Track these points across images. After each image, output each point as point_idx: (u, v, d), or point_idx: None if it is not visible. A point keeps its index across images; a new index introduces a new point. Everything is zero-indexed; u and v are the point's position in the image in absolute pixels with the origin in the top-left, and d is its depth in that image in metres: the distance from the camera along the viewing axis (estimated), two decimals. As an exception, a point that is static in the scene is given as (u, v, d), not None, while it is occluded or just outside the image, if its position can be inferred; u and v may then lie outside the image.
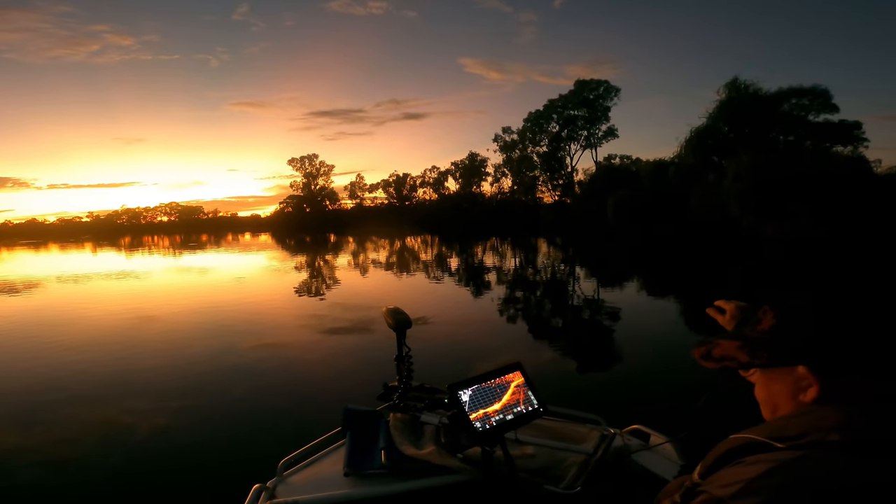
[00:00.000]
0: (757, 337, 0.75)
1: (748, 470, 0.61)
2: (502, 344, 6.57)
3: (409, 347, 2.02)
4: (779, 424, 0.67)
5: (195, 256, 26.04)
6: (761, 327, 0.75)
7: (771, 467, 0.59)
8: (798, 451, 0.60)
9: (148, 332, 7.78)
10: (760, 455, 0.63)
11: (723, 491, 0.60)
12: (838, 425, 0.61)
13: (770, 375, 0.75)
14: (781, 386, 0.73)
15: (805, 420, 0.65)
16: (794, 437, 0.62)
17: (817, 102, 25.92)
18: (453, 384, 1.45)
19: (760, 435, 0.66)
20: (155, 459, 3.58)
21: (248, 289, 12.78)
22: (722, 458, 0.67)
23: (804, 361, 0.69)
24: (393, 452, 1.70)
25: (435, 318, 8.08)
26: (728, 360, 0.76)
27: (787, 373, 0.71)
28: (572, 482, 1.59)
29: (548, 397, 1.56)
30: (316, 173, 68.59)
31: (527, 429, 1.82)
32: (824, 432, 0.61)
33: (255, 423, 4.11)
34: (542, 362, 5.67)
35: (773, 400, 0.75)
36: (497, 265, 17.21)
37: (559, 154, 48.56)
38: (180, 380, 5.31)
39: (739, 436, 0.68)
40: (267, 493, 1.59)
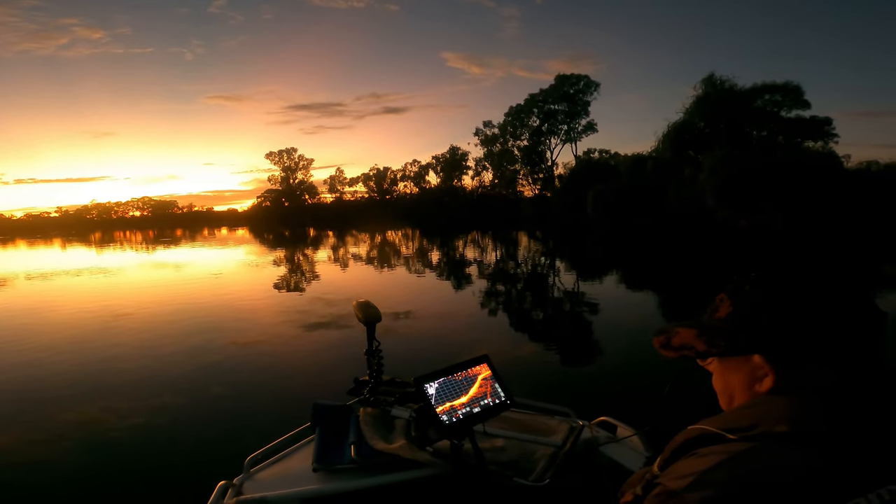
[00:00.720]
0: (714, 325, 0.74)
1: (701, 462, 0.60)
2: (482, 337, 6.54)
3: (378, 341, 2.00)
4: (732, 415, 0.67)
5: (169, 252, 25.43)
6: (718, 315, 0.74)
7: (722, 459, 0.59)
8: (748, 442, 0.60)
9: (122, 329, 7.53)
10: (713, 447, 0.62)
11: (676, 483, 0.60)
12: (787, 416, 0.61)
13: (727, 365, 0.74)
14: (738, 376, 0.72)
15: (756, 411, 0.65)
16: (745, 428, 0.62)
17: (789, 98, 26.57)
18: (419, 377, 1.44)
19: (714, 426, 0.65)
20: (125, 458, 3.49)
21: (225, 284, 12.52)
22: (678, 450, 0.67)
23: (760, 350, 0.68)
24: (363, 447, 1.69)
25: (415, 313, 8.02)
26: (686, 348, 0.75)
27: (743, 362, 0.71)
28: (541, 474, 1.59)
29: (521, 390, 1.53)
30: (295, 167, 67.65)
31: (496, 421, 1.81)
32: (773, 423, 0.61)
33: (232, 420, 4.01)
34: (519, 355, 5.66)
35: (729, 390, 0.75)
36: (478, 259, 17.22)
37: (539, 148, 48.98)
38: (155, 378, 5.15)
39: (695, 427, 0.68)
40: (234, 489, 1.57)
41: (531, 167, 49.21)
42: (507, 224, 35.82)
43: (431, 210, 50.30)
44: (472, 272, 13.28)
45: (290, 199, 66.05)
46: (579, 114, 46.78)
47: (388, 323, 7.12)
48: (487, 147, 51.89)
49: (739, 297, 0.72)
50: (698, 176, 22.25)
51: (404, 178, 62.32)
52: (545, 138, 48.72)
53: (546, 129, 48.18)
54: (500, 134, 50.69)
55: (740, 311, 0.71)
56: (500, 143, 50.86)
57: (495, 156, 51.02)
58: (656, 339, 0.80)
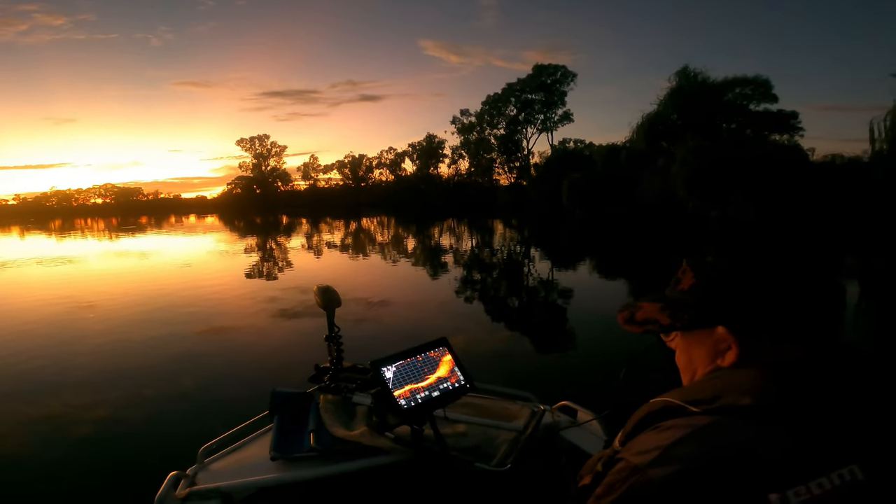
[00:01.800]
0: (677, 298, 0.72)
1: (664, 436, 0.59)
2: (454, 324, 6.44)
3: (339, 327, 1.97)
4: (694, 388, 0.66)
5: (134, 240, 24.53)
6: (681, 287, 0.73)
7: (685, 434, 0.58)
8: (711, 416, 0.60)
9: (84, 321, 7.13)
10: (675, 420, 0.62)
11: (640, 458, 0.59)
12: (751, 390, 0.60)
13: (690, 339, 0.73)
14: (701, 349, 0.71)
15: (719, 383, 0.64)
16: (707, 400, 0.61)
17: (758, 92, 27.16)
18: (376, 361, 1.39)
19: (676, 398, 0.64)
20: (82, 452, 3.31)
21: (194, 273, 12.10)
22: (640, 423, 0.66)
23: (723, 321, 0.67)
24: (323, 435, 1.65)
25: (388, 301, 7.90)
26: (650, 323, 0.74)
27: (706, 335, 0.69)
28: (503, 459, 1.57)
29: (487, 376, 1.45)
30: (267, 154, 66.06)
31: (458, 407, 1.83)
32: (737, 396, 0.60)
33: (196, 411, 3.84)
34: (487, 341, 5.62)
35: (693, 365, 0.73)
36: (453, 246, 17.13)
37: (516, 137, 49.09)
38: (117, 370, 4.89)
39: (658, 399, 0.66)
40: (186, 480, 1.51)
41: (507, 156, 49.32)
42: (483, 212, 35.82)
43: (407, 198, 49.96)
44: (447, 260, 13.19)
45: (262, 186, 64.52)
46: (556, 104, 47.02)
47: (360, 311, 7.04)
48: (464, 135, 51.71)
49: (702, 269, 0.71)
50: (670, 167, 22.60)
51: (380, 165, 61.64)
52: (522, 127, 48.85)
53: (523, 118, 48.28)
54: (477, 122, 50.59)
55: (703, 283, 0.70)
56: (476, 132, 50.74)
57: (472, 144, 50.89)
58: (620, 315, 0.79)
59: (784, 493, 0.54)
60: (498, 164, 50.03)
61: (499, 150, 49.40)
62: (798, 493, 0.54)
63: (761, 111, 27.28)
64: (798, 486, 0.54)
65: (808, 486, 0.55)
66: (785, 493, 0.54)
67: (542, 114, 47.69)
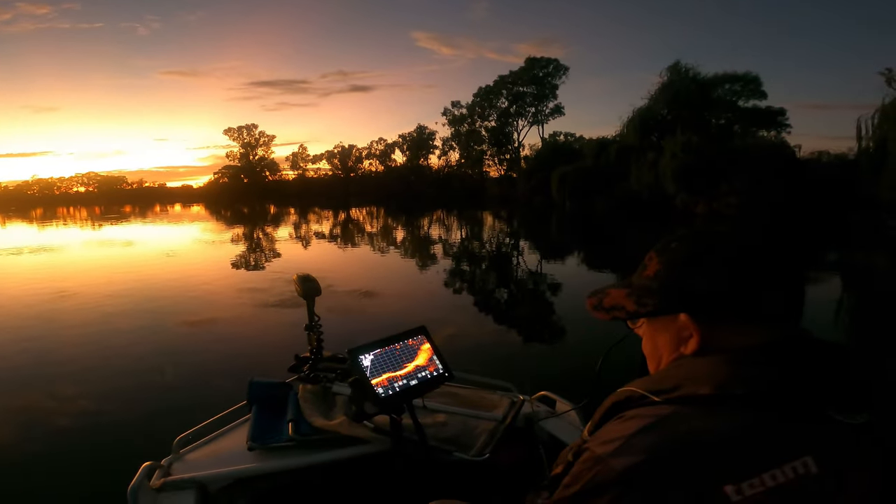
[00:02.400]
0: (643, 284, 0.72)
1: (626, 426, 0.60)
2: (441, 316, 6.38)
3: (318, 316, 1.97)
4: (658, 377, 0.66)
5: (117, 229, 24.09)
6: (647, 273, 0.72)
7: (645, 424, 0.58)
8: (672, 405, 0.60)
9: (65, 311, 6.95)
10: (638, 409, 0.62)
11: (603, 448, 0.59)
12: (710, 378, 0.60)
13: (655, 326, 0.72)
14: (665, 337, 0.70)
15: (680, 371, 0.64)
16: (668, 389, 0.61)
17: (748, 89, 27.36)
18: (353, 348, 1.37)
19: (640, 387, 0.64)
20: (63, 445, 3.22)
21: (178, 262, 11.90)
22: (607, 413, 0.66)
23: (685, 308, 0.66)
24: (301, 424, 1.64)
25: (375, 291, 7.84)
26: (617, 309, 0.73)
27: (670, 322, 0.69)
28: (481, 449, 1.57)
29: (470, 366, 1.40)
30: (255, 143, 65.10)
31: (438, 397, 1.84)
32: (696, 385, 0.60)
33: (178, 402, 3.74)
34: (471, 332, 5.58)
35: (658, 353, 0.73)
36: (442, 237, 17.06)
37: (507, 129, 48.92)
38: (99, 361, 4.77)
39: (624, 389, 0.66)
40: (161, 471, 1.48)
41: (498, 148, 49.20)
42: (473, 204, 35.75)
43: (397, 189, 49.65)
44: (435, 251, 13.13)
45: (250, 175, 63.65)
46: (547, 97, 46.93)
47: (347, 302, 6.98)
48: (455, 127, 51.46)
49: (666, 255, 0.70)
50: (660, 161, 22.70)
51: (370, 156, 61.16)
52: (513, 120, 48.72)
53: (514, 110, 48.16)
54: (469, 114, 50.32)
55: (667, 269, 0.69)
56: (467, 124, 50.52)
57: (463, 136, 50.67)
58: (589, 301, 0.78)
59: (739, 485, 0.53)
60: (488, 156, 49.96)
61: (489, 142, 49.29)
62: (752, 486, 0.54)
63: (750, 107, 27.50)
64: (752, 478, 0.54)
65: (761, 478, 0.54)
66: (740, 485, 0.53)
67: (533, 106, 47.62)
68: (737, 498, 0.53)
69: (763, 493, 0.54)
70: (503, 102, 48.40)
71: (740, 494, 0.53)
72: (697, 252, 0.68)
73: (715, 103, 27.24)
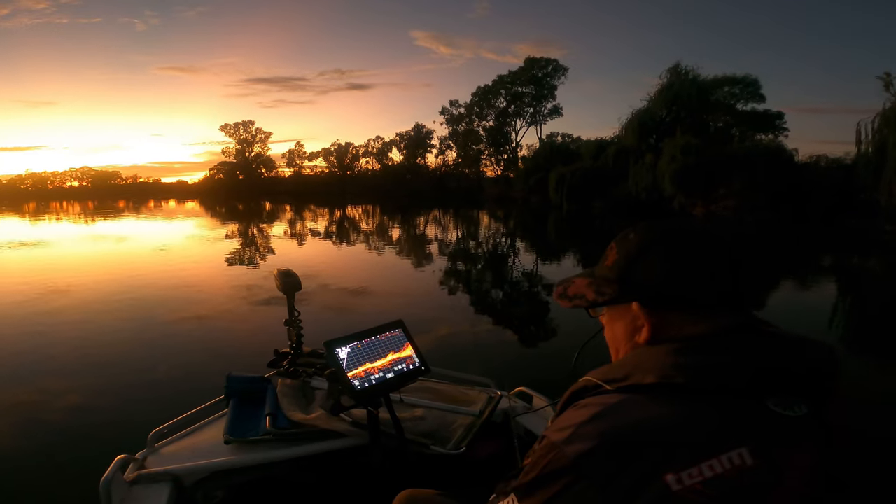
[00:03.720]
0: (603, 273, 0.74)
1: (580, 414, 0.61)
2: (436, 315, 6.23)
3: (298, 311, 1.95)
4: (612, 366, 0.67)
5: (110, 224, 23.78)
6: (607, 263, 0.74)
7: (596, 412, 0.60)
8: (622, 394, 0.61)
9: (57, 306, 6.71)
10: (591, 398, 0.64)
11: (558, 436, 0.60)
12: (654, 368, 0.61)
13: (613, 315, 0.74)
14: (622, 326, 0.72)
15: (630, 361, 0.66)
16: (620, 378, 0.63)
17: (747, 91, 27.28)
18: (330, 341, 1.39)
19: (595, 377, 0.66)
20: (42, 441, 3.07)
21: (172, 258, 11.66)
22: (567, 401, 0.68)
23: (637, 297, 0.68)
24: (279, 418, 1.64)
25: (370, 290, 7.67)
26: (578, 297, 0.75)
27: (625, 311, 0.71)
28: (458, 443, 1.59)
29: (452, 362, 1.45)
30: (251, 140, 64.75)
31: (416, 392, 1.87)
32: (643, 374, 0.61)
33: (168, 398, 3.59)
34: (462, 328, 5.48)
35: (616, 342, 0.74)
36: (438, 237, 16.89)
37: (505, 129, 48.86)
38: (91, 356, 4.60)
39: (584, 378, 0.68)
40: (135, 464, 1.47)
41: (496, 148, 49.10)
42: (469, 203, 35.59)
43: (393, 187, 49.44)
44: (432, 250, 12.96)
45: (246, 172, 63.27)
46: (546, 97, 46.94)
47: (339, 298, 6.82)
48: (453, 126, 51.35)
49: (623, 245, 0.72)
50: (658, 163, 22.62)
51: (367, 154, 60.89)
52: (511, 120, 48.65)
53: (512, 110, 48.13)
54: (467, 113, 50.24)
55: (621, 259, 0.71)
56: (465, 123, 50.40)
57: (460, 135, 50.53)
58: (555, 289, 0.80)
59: (679, 475, 0.54)
60: (486, 155, 49.84)
61: (487, 141, 49.16)
62: (691, 475, 0.54)
63: (749, 110, 27.47)
64: (691, 468, 0.55)
65: (699, 468, 0.55)
66: (680, 475, 0.54)
67: (531, 107, 47.59)
68: (677, 487, 0.54)
69: (701, 483, 0.54)
70: (501, 102, 48.41)
71: (680, 484, 0.54)
72: (648, 243, 0.69)
73: (714, 106, 27.18)
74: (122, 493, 1.38)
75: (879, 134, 15.32)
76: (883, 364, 4.53)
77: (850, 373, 4.13)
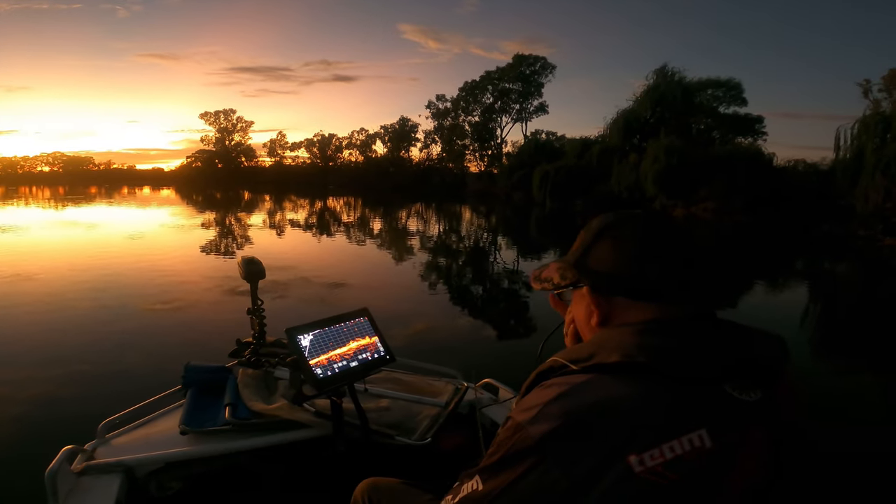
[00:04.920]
0: (569, 258, 0.76)
1: (545, 393, 0.61)
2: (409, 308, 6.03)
3: (262, 300, 1.91)
4: (577, 346, 0.68)
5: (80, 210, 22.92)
6: (574, 248, 0.76)
7: (560, 392, 0.60)
8: (586, 374, 0.62)
9: (22, 294, 6.31)
10: (557, 378, 0.64)
11: (523, 416, 0.60)
12: (618, 346, 0.62)
13: (576, 299, 0.75)
14: (581, 309, 0.73)
15: (596, 341, 0.66)
16: (585, 358, 0.63)
17: (730, 95, 27.64)
18: (292, 328, 1.37)
19: (561, 357, 0.66)
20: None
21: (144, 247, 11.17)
22: (532, 383, 0.68)
23: (587, 282, 0.70)
24: (240, 408, 1.62)
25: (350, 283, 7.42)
26: (547, 280, 0.77)
27: (583, 295, 0.72)
28: (423, 434, 1.58)
29: (422, 353, 1.35)
30: (232, 129, 63.23)
31: (382, 382, 1.86)
32: (607, 353, 0.62)
33: (133, 390, 3.31)
34: (442, 323, 5.35)
35: (579, 325, 0.76)
36: (419, 230, 16.64)
37: (490, 125, 48.66)
38: (51, 345, 4.36)
39: (551, 358, 0.68)
40: (84, 455, 1.43)
41: (480, 143, 48.93)
42: (452, 198, 35.39)
43: (376, 180, 48.88)
44: (412, 244, 12.73)
45: (225, 160, 61.75)
46: (532, 94, 46.91)
47: (316, 290, 6.56)
48: (438, 120, 50.99)
49: (586, 231, 0.74)
50: (642, 163, 22.72)
51: (350, 146, 60.07)
52: (497, 116, 48.55)
53: (499, 106, 48.01)
54: (453, 108, 49.94)
55: (581, 244, 0.74)
56: (451, 118, 50.09)
57: (445, 129, 50.20)
58: (532, 272, 0.83)
59: (641, 456, 0.55)
60: (470, 151, 49.65)
61: (472, 137, 48.96)
62: (653, 457, 0.55)
63: (730, 114, 27.81)
64: (653, 449, 0.55)
65: (661, 449, 0.55)
66: (642, 456, 0.55)
67: (518, 103, 47.54)
68: (639, 468, 0.54)
69: (662, 465, 0.54)
70: (488, 98, 48.29)
71: (642, 465, 0.54)
72: (602, 229, 0.71)
73: (697, 108, 27.45)
74: (70, 484, 1.33)
75: (858, 140, 15.56)
76: (849, 365, 4.62)
77: (817, 373, 4.24)
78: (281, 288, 6.36)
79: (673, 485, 0.54)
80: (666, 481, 0.54)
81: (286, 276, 7.31)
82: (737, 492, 0.59)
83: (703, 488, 0.56)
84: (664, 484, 0.54)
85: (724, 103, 27.80)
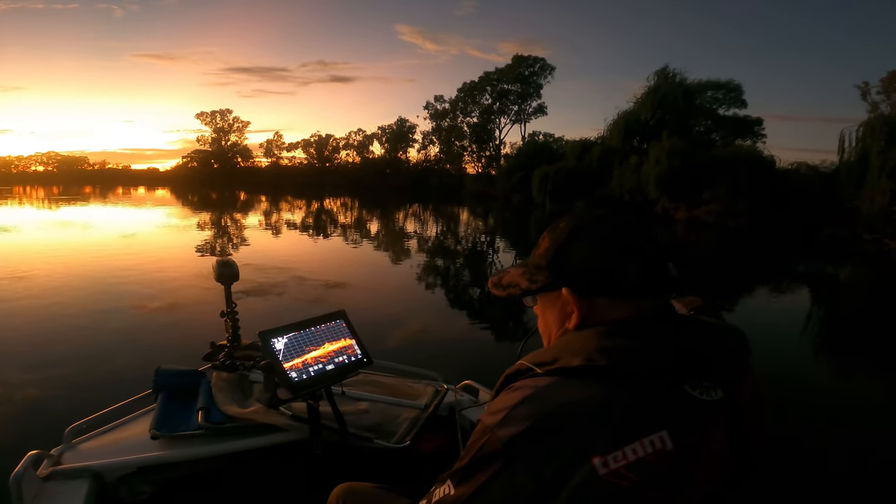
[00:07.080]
0: (535, 262, 0.74)
1: (512, 396, 0.62)
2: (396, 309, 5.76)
3: (235, 303, 1.94)
4: (543, 350, 0.67)
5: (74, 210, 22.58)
6: (539, 252, 0.74)
7: (526, 395, 0.60)
8: (550, 377, 0.62)
9: (15, 293, 6.11)
10: (523, 381, 0.64)
11: (491, 419, 0.61)
12: (580, 350, 0.61)
13: (545, 302, 0.74)
14: (553, 313, 0.72)
15: (560, 344, 0.66)
16: (549, 361, 0.63)
17: (730, 97, 27.47)
18: (265, 331, 1.35)
19: (527, 360, 0.66)
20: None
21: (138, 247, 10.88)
22: (502, 384, 0.68)
23: (566, 283, 0.69)
24: (213, 413, 1.59)
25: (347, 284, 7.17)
26: (512, 286, 0.76)
27: (556, 298, 0.70)
28: (403, 436, 1.56)
29: (405, 356, 1.34)
30: (228, 129, 62.77)
31: (361, 385, 1.84)
32: (571, 357, 0.62)
33: (100, 396, 3.08)
34: (426, 325, 5.16)
35: (548, 329, 0.74)
36: (416, 232, 16.36)
37: (489, 126, 48.46)
38: (20, 349, 4.18)
39: (519, 361, 0.68)
40: (50, 460, 1.41)
41: (479, 144, 48.73)
42: (450, 199, 35.13)
43: (373, 181, 48.58)
44: (411, 246, 12.48)
45: (221, 161, 61.26)
46: (531, 95, 46.78)
47: (318, 293, 6.31)
48: (436, 121, 50.77)
49: (554, 233, 0.73)
50: (643, 165, 22.50)
51: (347, 146, 59.73)
52: (495, 117, 48.34)
53: (497, 108, 47.83)
54: (451, 109, 49.73)
55: (552, 246, 0.72)
56: (449, 119, 49.86)
57: (444, 130, 49.97)
58: (490, 280, 0.81)
59: (605, 458, 0.55)
60: (468, 152, 49.43)
61: (471, 138, 48.73)
62: (616, 459, 0.55)
63: (730, 116, 27.64)
64: (616, 451, 0.55)
65: (623, 451, 0.55)
66: (606, 458, 0.55)
67: (516, 105, 47.36)
68: (603, 471, 0.54)
69: (625, 468, 0.54)
70: (487, 99, 48.08)
71: (606, 467, 0.54)
72: (575, 229, 0.70)
73: (698, 110, 27.26)
74: (36, 489, 1.30)
75: (863, 143, 15.38)
76: (855, 368, 4.58)
77: (822, 376, 4.31)
78: (267, 290, 6.09)
79: (635, 487, 0.54)
80: (629, 483, 0.54)
81: (282, 276, 7.07)
82: (699, 493, 0.59)
83: (665, 490, 0.56)
84: (627, 486, 0.54)
85: (723, 105, 27.65)
